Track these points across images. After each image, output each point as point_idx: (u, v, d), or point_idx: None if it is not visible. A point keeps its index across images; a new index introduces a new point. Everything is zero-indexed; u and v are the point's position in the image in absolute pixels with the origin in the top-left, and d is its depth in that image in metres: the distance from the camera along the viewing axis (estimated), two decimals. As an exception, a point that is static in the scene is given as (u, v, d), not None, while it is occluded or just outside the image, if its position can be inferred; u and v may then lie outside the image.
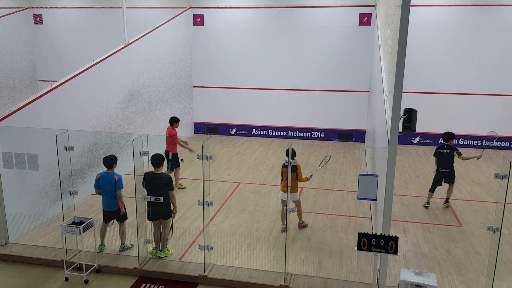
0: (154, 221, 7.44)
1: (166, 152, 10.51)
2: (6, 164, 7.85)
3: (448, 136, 9.86)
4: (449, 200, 10.01)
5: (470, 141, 15.37)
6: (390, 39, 7.88)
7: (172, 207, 7.38)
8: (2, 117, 8.03)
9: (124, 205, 7.62)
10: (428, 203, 9.92)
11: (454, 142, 10.15)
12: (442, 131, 15.35)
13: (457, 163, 13.39)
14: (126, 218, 7.74)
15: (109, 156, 7.66)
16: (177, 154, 10.62)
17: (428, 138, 15.66)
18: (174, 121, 10.76)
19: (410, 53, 14.53)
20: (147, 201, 7.31)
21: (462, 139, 15.40)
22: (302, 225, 8.75)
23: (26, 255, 7.56)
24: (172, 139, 10.42)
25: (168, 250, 7.55)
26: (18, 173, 8.11)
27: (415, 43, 14.48)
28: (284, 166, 8.06)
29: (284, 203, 8.24)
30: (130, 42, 12.41)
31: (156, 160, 7.34)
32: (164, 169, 7.60)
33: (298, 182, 8.26)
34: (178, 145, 10.56)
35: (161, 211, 7.34)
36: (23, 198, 8.44)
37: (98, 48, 13.21)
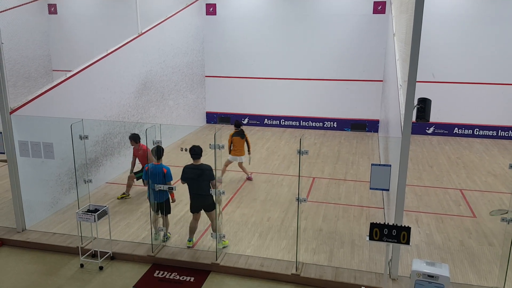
0: (195, 213, 7.39)
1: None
2: (23, 152, 7.99)
3: None
4: (463, 191, 9.93)
5: (485, 131, 15.17)
6: (404, 27, 7.78)
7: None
8: (18, 106, 8.15)
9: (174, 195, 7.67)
10: None
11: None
12: (456, 121, 15.31)
13: (472, 153, 13.31)
14: (170, 210, 7.71)
15: (158, 146, 7.36)
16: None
17: (442, 128, 15.49)
18: (138, 138, 9.84)
19: (424, 42, 14.30)
20: (190, 194, 7.24)
21: (477, 129, 15.20)
22: (250, 179, 10.78)
23: (42, 241, 7.71)
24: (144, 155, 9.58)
25: (224, 240, 7.42)
26: (35, 162, 8.25)
27: (429, 31, 14.27)
28: (234, 135, 10.59)
29: (229, 162, 10.73)
30: (143, 32, 12.45)
31: (195, 151, 7.22)
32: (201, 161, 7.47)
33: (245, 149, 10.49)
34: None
35: (204, 203, 7.24)
36: (39, 186, 8.59)
37: (111, 38, 13.27)
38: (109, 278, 6.76)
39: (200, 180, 7.15)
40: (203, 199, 7.24)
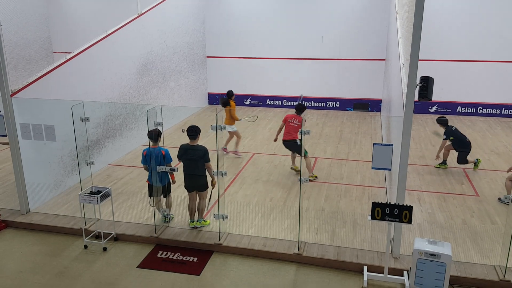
0: (190, 192, 7.44)
1: None
2: (24, 135, 7.98)
3: None
4: (466, 170, 9.96)
5: (489, 110, 15.06)
6: (407, 5, 7.64)
7: (210, 179, 7.34)
8: (19, 89, 8.11)
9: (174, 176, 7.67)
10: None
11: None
12: (460, 99, 15.18)
13: (475, 132, 13.23)
14: (170, 190, 7.73)
15: (153, 130, 7.24)
16: None
17: (445, 107, 15.38)
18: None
19: (427, 19, 14.09)
20: (184, 173, 7.29)
21: (481, 108, 15.09)
22: (234, 152, 11.15)
23: (46, 223, 7.77)
24: None
25: (204, 220, 7.55)
26: (37, 144, 8.25)
27: (432, 8, 14.05)
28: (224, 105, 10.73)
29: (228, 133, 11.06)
30: (142, 12, 12.30)
31: (192, 131, 7.21)
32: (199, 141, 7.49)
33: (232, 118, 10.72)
34: None
35: (197, 183, 7.31)
36: (42, 168, 8.61)
37: (111, 18, 13.12)
38: (112, 258, 6.82)
39: (194, 161, 7.17)
40: (196, 179, 7.28)
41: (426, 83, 5.82)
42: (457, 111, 15.30)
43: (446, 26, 14.55)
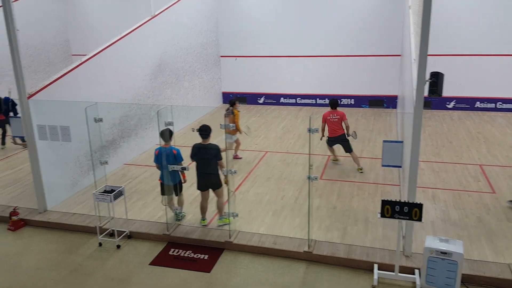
0: (203, 192, 7.49)
1: None
2: (41, 136, 8.18)
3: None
4: (483, 166, 9.80)
5: (509, 105, 14.72)
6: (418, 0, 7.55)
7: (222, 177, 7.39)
8: (36, 91, 8.31)
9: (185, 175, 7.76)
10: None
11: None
12: (478, 95, 14.88)
13: (494, 128, 12.97)
14: (182, 189, 7.83)
15: (164, 129, 7.39)
16: None
17: (464, 103, 15.11)
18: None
19: (445, 14, 13.93)
20: (197, 172, 7.34)
21: (500, 103, 14.77)
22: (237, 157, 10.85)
23: (63, 221, 7.96)
24: None
25: (226, 218, 7.54)
26: (53, 145, 8.45)
27: (449, 2, 13.82)
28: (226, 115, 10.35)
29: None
30: (156, 13, 12.44)
31: (204, 130, 7.29)
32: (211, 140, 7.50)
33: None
34: None
35: (211, 181, 7.36)
36: (59, 168, 8.82)
37: (126, 21, 13.31)
38: (126, 256, 6.95)
39: (207, 159, 7.22)
40: (209, 178, 7.35)
41: (436, 79, 5.75)
42: (475, 106, 15.02)
43: (464, 20, 14.27)
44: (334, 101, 10.10)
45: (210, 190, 7.52)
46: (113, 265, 6.73)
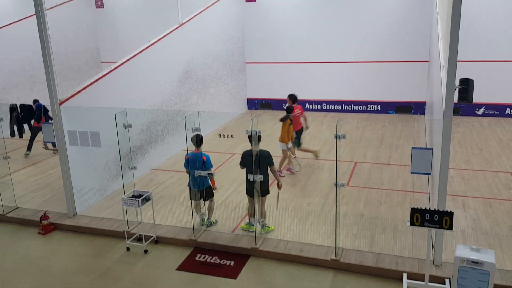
0: (251, 197, 7.46)
1: None
2: (72, 141, 8.39)
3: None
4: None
5: (542, 112, 14.29)
6: (446, 5, 7.43)
7: (270, 184, 7.41)
8: (67, 97, 8.54)
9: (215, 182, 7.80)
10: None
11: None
12: (508, 101, 14.49)
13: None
14: (213, 195, 7.86)
15: (195, 135, 7.40)
16: None
17: (494, 109, 14.74)
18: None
19: (472, 20, 13.66)
20: (247, 179, 7.28)
21: (533, 110, 14.35)
22: (289, 170, 10.25)
23: (91, 226, 8.12)
24: None
25: (268, 226, 7.55)
26: (83, 150, 8.65)
27: (477, 9, 13.57)
28: (280, 120, 9.94)
29: (283, 151, 10.10)
30: (183, 21, 12.64)
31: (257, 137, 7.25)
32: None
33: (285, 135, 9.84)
34: None
35: (259, 187, 7.31)
36: (88, 173, 9.01)
37: (155, 28, 13.57)
38: (153, 261, 7.03)
39: (259, 165, 7.17)
40: (259, 184, 7.25)
41: (466, 85, 5.64)
42: (505, 113, 14.63)
43: (492, 26, 13.95)
44: (295, 96, 10.54)
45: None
46: (140, 270, 6.81)
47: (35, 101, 12.60)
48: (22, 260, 7.29)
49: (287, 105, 10.53)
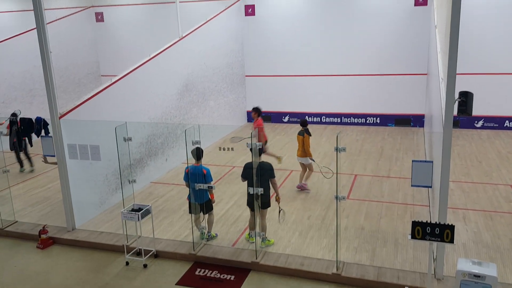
0: (252, 209, 7.43)
1: None
2: (71, 155, 8.38)
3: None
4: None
5: (540, 124, 14.34)
6: (444, 19, 7.50)
7: (270, 197, 7.39)
8: (67, 111, 8.55)
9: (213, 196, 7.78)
10: None
11: None
12: (507, 114, 14.55)
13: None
14: (212, 209, 7.83)
15: (195, 148, 7.41)
16: None
17: (492, 122, 14.78)
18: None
19: (471, 33, 13.78)
20: (248, 192, 7.26)
21: (531, 122, 14.39)
22: (300, 187, 10.00)
23: (90, 240, 8.06)
24: None
25: (268, 240, 7.52)
26: (83, 164, 8.63)
27: (475, 22, 13.70)
28: (299, 134, 9.98)
29: (301, 165, 10.17)
30: (184, 35, 12.72)
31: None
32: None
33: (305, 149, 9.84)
34: None
35: (260, 200, 7.27)
36: (88, 187, 8.98)
37: (155, 42, 13.66)
38: (152, 275, 6.97)
39: (261, 177, 7.17)
40: (259, 196, 7.22)
41: (465, 98, 5.67)
42: (504, 125, 14.67)
43: (491, 39, 14.08)
44: (259, 108, 11.10)
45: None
46: (140, 285, 6.75)
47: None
48: (20, 274, 7.22)
49: (300, 119, 10.67)
